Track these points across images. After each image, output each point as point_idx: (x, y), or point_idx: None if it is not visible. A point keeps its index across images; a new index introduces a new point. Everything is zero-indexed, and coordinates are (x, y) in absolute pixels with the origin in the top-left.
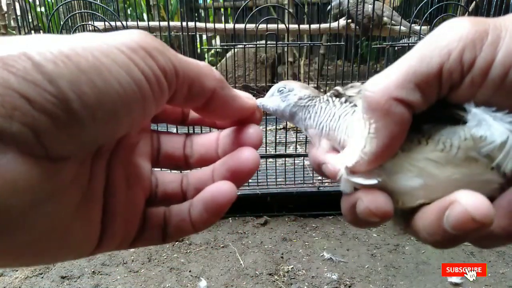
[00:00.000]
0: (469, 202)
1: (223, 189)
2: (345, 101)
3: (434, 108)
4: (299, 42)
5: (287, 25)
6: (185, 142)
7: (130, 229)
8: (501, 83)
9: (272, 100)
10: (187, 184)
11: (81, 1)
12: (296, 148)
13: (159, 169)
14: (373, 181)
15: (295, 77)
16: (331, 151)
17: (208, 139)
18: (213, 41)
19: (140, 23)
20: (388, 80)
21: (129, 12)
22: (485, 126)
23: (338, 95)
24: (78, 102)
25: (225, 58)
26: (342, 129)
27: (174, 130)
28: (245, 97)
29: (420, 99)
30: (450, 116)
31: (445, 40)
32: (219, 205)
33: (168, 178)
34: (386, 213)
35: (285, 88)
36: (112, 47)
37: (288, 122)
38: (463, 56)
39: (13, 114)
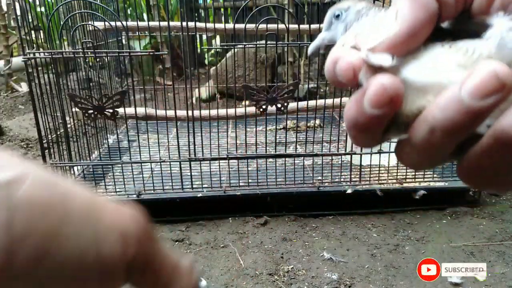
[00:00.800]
0: (493, 64)
1: None
2: None
3: (460, 23)
4: (299, 42)
5: (287, 25)
6: None
7: None
8: None
9: (332, 30)
10: None
11: (81, 1)
12: (296, 148)
13: None
14: (389, 59)
15: (295, 77)
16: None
17: None
18: (213, 41)
19: (140, 23)
20: None
21: (129, 12)
22: (499, 36)
23: None
24: (23, 266)
25: (225, 58)
26: (371, 27)
27: None
28: None
29: None
30: (474, 30)
31: None
32: None
33: None
34: (397, 91)
35: (340, 11)
36: (97, 221)
37: (288, 122)
38: None
39: None
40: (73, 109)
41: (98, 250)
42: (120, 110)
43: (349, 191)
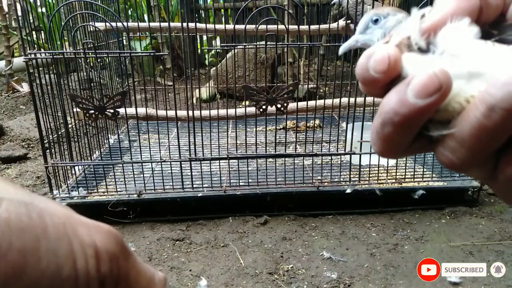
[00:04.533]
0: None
1: None
2: None
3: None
4: (298, 43)
5: (287, 26)
6: None
7: None
8: None
9: (367, 34)
10: None
11: (82, 2)
12: (295, 148)
13: None
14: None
15: (295, 78)
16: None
17: None
18: (213, 42)
19: (141, 24)
20: None
21: (130, 13)
22: None
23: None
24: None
25: (225, 58)
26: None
27: None
28: None
29: None
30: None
31: None
32: None
33: None
34: (448, 79)
35: (379, 16)
36: (69, 240)
37: (288, 122)
38: None
39: None
40: (74, 109)
41: (74, 265)
42: (121, 110)
43: (348, 190)
